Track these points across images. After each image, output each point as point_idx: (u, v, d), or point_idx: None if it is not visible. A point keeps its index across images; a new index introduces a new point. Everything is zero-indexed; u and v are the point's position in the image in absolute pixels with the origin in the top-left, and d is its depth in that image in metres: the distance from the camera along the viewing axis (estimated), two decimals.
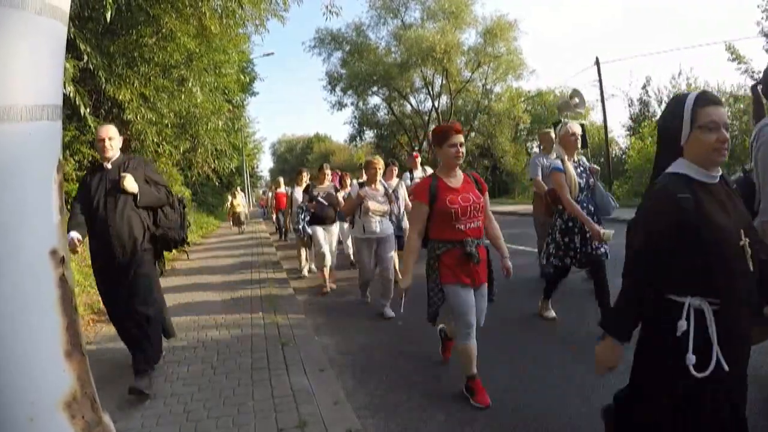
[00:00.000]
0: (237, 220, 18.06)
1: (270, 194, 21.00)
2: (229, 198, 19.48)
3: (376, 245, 5.53)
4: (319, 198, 6.80)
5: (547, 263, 4.44)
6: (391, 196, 5.66)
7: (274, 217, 20.41)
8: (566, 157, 4.22)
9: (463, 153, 3.09)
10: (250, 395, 3.29)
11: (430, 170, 8.24)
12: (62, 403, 0.94)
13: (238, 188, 22.17)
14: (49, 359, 0.95)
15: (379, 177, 5.70)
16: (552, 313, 4.73)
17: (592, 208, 4.19)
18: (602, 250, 4.16)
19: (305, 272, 8.23)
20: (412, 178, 7.82)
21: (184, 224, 3.98)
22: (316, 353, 4.10)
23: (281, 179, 14.49)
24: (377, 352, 4.24)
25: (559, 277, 4.61)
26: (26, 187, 0.91)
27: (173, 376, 3.76)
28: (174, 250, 4.11)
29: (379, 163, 5.70)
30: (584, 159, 4.51)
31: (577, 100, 4.70)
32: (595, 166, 4.79)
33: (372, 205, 5.41)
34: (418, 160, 8.23)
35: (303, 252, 8.22)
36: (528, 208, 18.82)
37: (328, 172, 7.34)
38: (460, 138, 3.10)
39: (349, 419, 2.89)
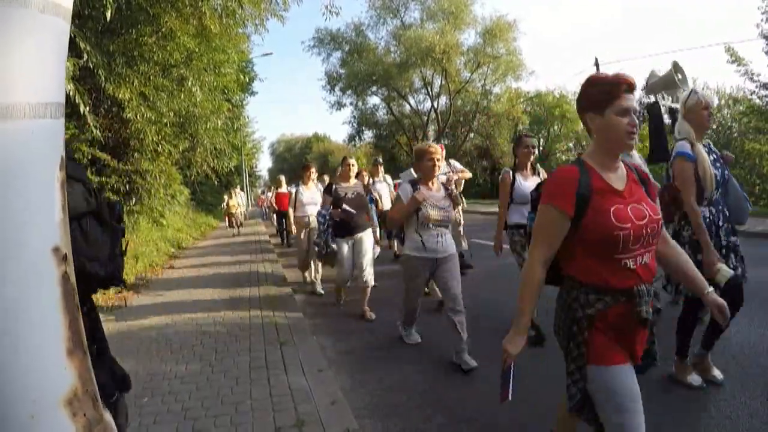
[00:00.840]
0: (232, 221, 16.41)
1: (269, 194, 19.87)
2: (225, 198, 17.52)
3: (435, 268, 3.97)
4: (345, 206, 5.24)
5: (677, 295, 3.17)
6: (456, 199, 4.22)
7: (274, 219, 19.84)
8: (696, 140, 2.97)
9: (638, 128, 1.78)
10: (248, 394, 3.30)
11: (456, 164, 6.45)
12: (63, 401, 0.94)
13: (238, 187, 21.27)
14: (50, 357, 0.95)
15: (438, 171, 4.12)
16: (698, 379, 3.14)
17: (728, 212, 3.06)
18: (741, 270, 3.02)
19: (319, 289, 6.83)
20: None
21: (116, 251, 2.17)
22: (315, 353, 4.11)
23: (282, 178, 12.93)
24: (375, 353, 4.25)
25: (696, 315, 3.18)
26: (29, 185, 0.92)
27: (171, 374, 3.76)
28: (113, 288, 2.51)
29: (437, 151, 4.02)
30: (711, 143, 3.20)
31: (680, 75, 3.73)
32: (728, 153, 3.76)
33: (432, 212, 3.89)
34: (443, 153, 6.74)
35: (312, 265, 6.94)
36: None
37: (353, 162, 5.86)
38: (633, 102, 1.77)
39: (347, 419, 2.90)
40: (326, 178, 14.56)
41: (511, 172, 4.47)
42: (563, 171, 1.82)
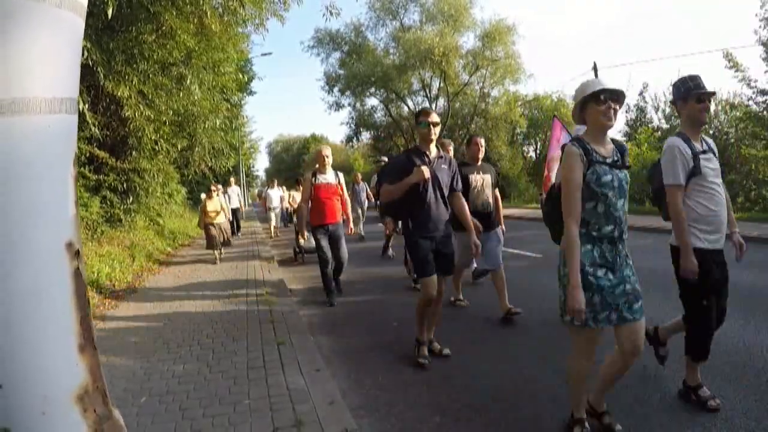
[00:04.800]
0: (213, 236, 9.70)
1: (272, 191, 15.67)
2: (203, 197, 10.75)
3: None
4: None
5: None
6: None
7: (274, 225, 15.52)
8: None
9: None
10: (245, 394, 3.29)
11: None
12: (75, 397, 0.94)
13: (231, 180, 15.98)
14: (62, 353, 0.95)
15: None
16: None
17: None
18: None
19: None
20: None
21: None
22: (312, 353, 4.10)
23: (328, 154, 6.25)
24: (373, 352, 4.25)
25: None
26: (44, 180, 0.91)
27: (169, 374, 3.75)
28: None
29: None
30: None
31: None
32: None
33: None
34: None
35: None
36: (530, 212, 18.65)
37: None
38: None
39: (344, 419, 2.90)
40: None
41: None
42: None
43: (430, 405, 3.17)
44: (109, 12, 6.22)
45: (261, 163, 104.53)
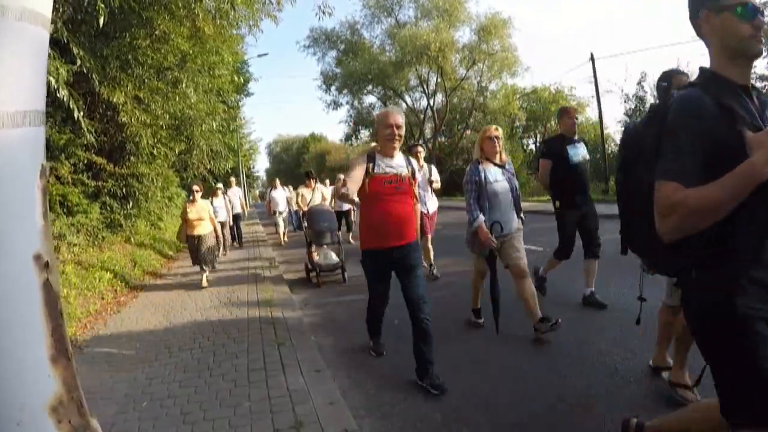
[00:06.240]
0: (198, 251, 7.48)
1: (277, 193, 13.45)
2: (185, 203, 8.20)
3: None
4: None
5: None
6: None
7: None
8: None
9: None
10: (246, 396, 3.30)
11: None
12: (48, 408, 0.94)
13: (232, 182, 13.49)
14: (34, 364, 0.96)
15: None
16: None
17: None
18: None
19: None
20: None
21: None
22: (312, 354, 4.11)
23: (401, 123, 3.49)
24: (373, 352, 4.24)
25: None
26: (9, 193, 0.91)
27: (170, 377, 3.77)
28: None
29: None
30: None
31: None
32: None
33: None
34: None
35: None
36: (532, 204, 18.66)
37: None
38: None
39: (345, 419, 2.90)
40: (327, 182, 13.67)
41: None
42: None
43: (431, 404, 3.16)
44: (101, 20, 6.20)
45: (261, 164, 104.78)
